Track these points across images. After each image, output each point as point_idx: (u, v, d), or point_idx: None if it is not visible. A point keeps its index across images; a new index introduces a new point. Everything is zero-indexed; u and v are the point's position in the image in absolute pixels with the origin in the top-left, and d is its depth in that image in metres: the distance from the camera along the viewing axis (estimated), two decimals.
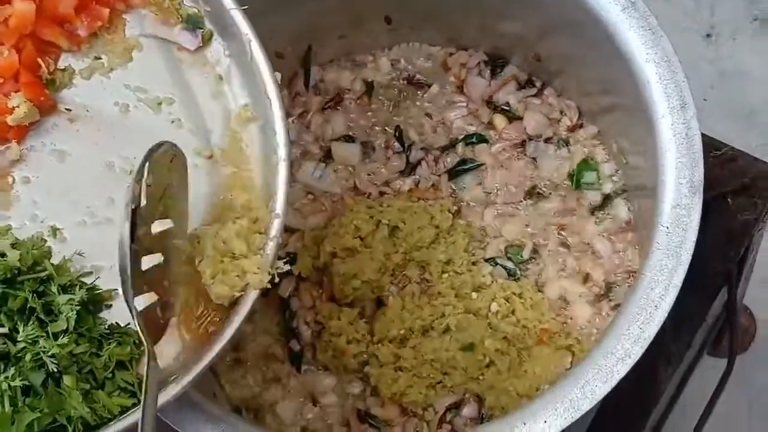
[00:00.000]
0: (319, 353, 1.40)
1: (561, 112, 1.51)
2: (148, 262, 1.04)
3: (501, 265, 1.43)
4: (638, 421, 1.45)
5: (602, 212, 1.44)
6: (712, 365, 1.90)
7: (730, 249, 1.45)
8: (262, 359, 1.43)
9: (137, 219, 1.02)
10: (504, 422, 1.13)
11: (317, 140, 1.54)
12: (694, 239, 1.14)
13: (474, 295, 1.41)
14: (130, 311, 1.02)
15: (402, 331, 1.38)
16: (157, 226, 1.06)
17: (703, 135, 1.21)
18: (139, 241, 1.03)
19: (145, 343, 1.03)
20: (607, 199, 1.44)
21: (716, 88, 2.50)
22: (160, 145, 1.06)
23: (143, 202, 1.03)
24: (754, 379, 2.27)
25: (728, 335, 1.73)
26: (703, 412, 1.71)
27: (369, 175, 1.51)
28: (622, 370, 1.11)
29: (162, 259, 1.06)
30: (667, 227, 1.15)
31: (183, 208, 1.11)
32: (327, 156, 1.53)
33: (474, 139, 1.51)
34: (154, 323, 1.06)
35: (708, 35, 2.57)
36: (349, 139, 1.53)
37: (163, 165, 1.07)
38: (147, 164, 1.03)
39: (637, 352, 1.11)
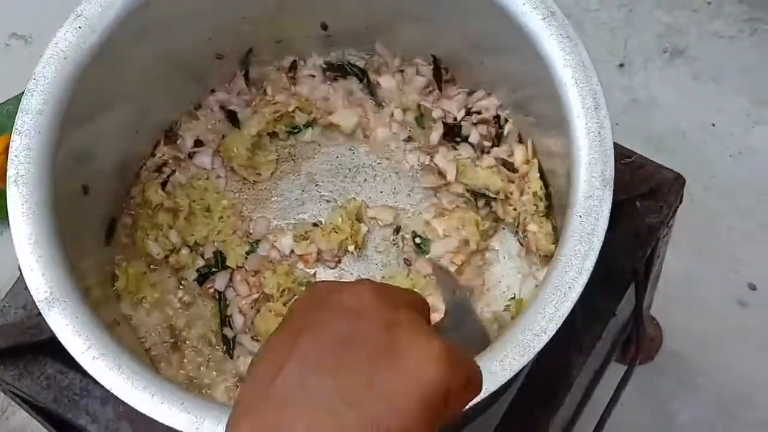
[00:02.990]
0: (256, 328, 1.47)
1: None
2: None
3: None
4: (548, 412, 1.50)
5: None
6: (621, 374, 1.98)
7: (638, 249, 1.54)
8: (198, 344, 1.47)
9: None
10: None
11: None
12: (605, 227, 1.22)
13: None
14: None
15: None
16: None
17: (615, 144, 1.29)
18: None
19: None
20: None
21: (628, 114, 2.64)
22: None
23: None
24: (659, 388, 2.38)
25: (635, 338, 1.82)
26: (601, 415, 1.77)
27: None
28: (537, 345, 1.17)
29: None
30: (581, 216, 1.23)
31: None
32: None
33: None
34: None
35: (621, 65, 2.72)
36: None
37: None
38: None
39: (552, 328, 1.18)
